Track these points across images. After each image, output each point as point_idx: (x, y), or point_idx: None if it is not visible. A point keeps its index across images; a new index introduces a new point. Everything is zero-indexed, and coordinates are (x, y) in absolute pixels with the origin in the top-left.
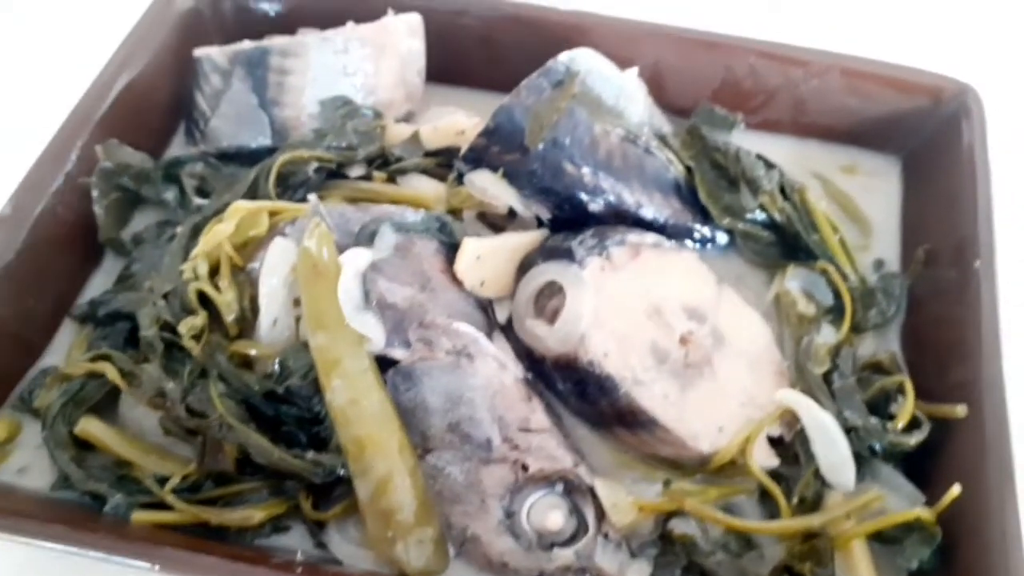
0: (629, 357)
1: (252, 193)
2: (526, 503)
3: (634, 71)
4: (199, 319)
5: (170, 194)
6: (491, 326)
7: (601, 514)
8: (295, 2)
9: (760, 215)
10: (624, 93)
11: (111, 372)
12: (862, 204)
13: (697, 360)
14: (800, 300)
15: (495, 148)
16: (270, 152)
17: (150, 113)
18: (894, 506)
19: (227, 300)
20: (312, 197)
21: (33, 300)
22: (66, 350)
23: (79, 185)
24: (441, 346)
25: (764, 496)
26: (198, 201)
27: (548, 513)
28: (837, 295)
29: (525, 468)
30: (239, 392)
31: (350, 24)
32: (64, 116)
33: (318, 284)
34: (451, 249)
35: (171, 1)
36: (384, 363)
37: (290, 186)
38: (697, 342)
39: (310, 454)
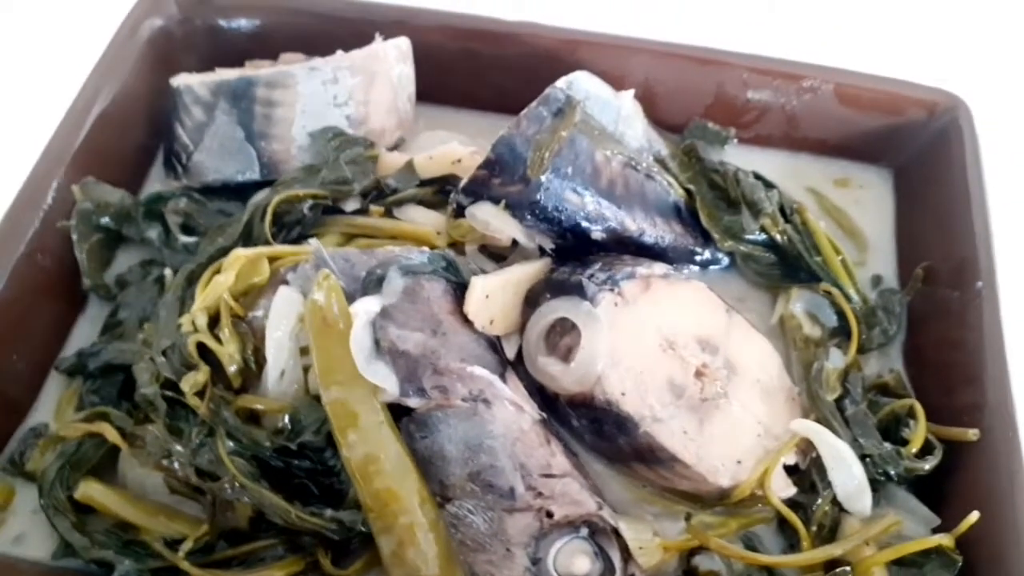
0: (646, 395)
1: (247, 235)
2: (552, 549)
3: (630, 93)
4: (201, 375)
5: (153, 232)
6: (503, 365)
7: (626, 555)
8: (270, 23)
9: (760, 236)
10: (622, 117)
11: (111, 434)
12: (856, 218)
13: (713, 393)
14: (805, 322)
15: (496, 180)
16: (258, 186)
17: (125, 146)
18: (911, 530)
19: (229, 352)
20: (314, 242)
21: (16, 355)
22: (54, 406)
23: (58, 229)
24: (457, 393)
25: (782, 524)
26: (183, 239)
27: (574, 558)
28: (840, 316)
29: (550, 515)
30: (248, 449)
31: (339, 52)
32: (34, 154)
33: (329, 337)
34: (458, 288)
35: (138, 24)
36: (397, 410)
37: (285, 225)
38: (712, 375)
39: (328, 512)
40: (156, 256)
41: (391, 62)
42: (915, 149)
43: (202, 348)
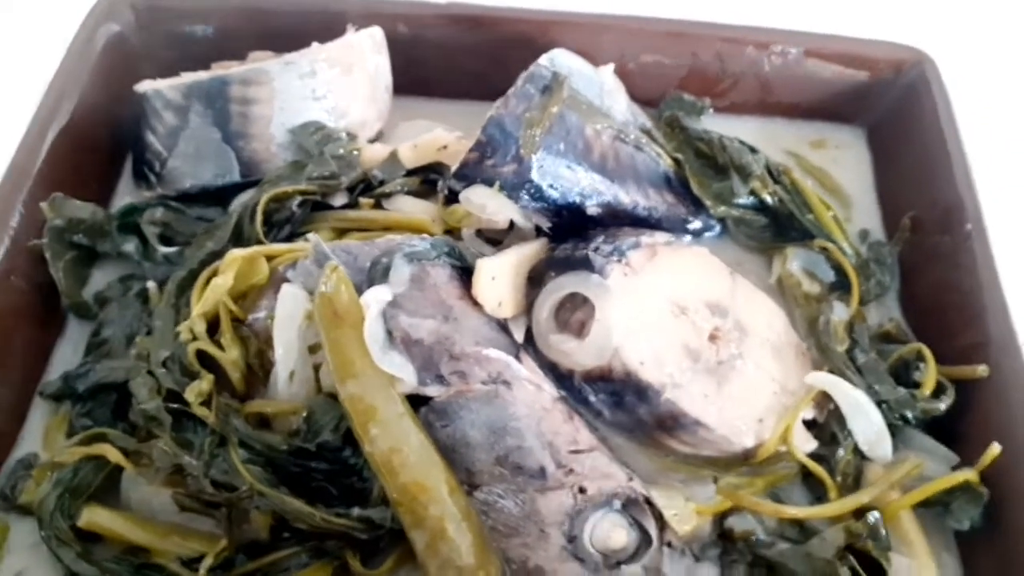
0: (664, 362)
1: (237, 237)
2: (587, 525)
3: (610, 68)
4: (205, 383)
5: (130, 246)
6: (516, 346)
7: (661, 523)
8: (232, 24)
9: (749, 200)
10: (606, 91)
11: (113, 454)
12: (836, 176)
13: (728, 355)
14: (804, 280)
15: (489, 161)
16: (239, 188)
17: (91, 160)
18: (932, 470)
19: (232, 358)
20: (313, 237)
21: None
22: (41, 434)
23: (29, 249)
24: (476, 377)
25: (806, 479)
26: (163, 250)
27: (611, 532)
28: (837, 271)
29: (583, 491)
30: (262, 455)
31: (315, 44)
32: None
33: (341, 330)
34: (463, 273)
35: (94, 33)
36: (414, 401)
37: (274, 224)
38: (725, 337)
39: (355, 511)
40: (135, 270)
41: (367, 52)
42: (886, 106)
43: (202, 356)
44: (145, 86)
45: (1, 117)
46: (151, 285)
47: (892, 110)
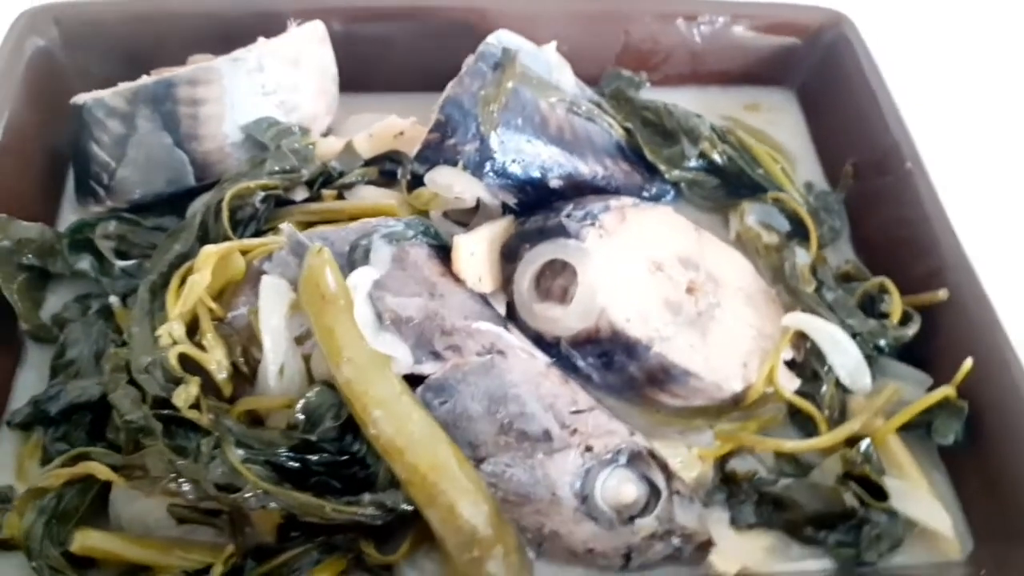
0: (649, 317)
1: (203, 238)
2: (597, 483)
3: (552, 46)
4: (192, 386)
5: (85, 263)
6: (503, 319)
7: (667, 474)
8: (160, 32)
9: (699, 162)
10: (552, 66)
11: (103, 471)
12: (774, 136)
13: (707, 305)
14: (762, 232)
15: (450, 140)
16: (192, 194)
17: (29, 179)
18: (909, 394)
19: (216, 358)
20: (286, 226)
21: None
22: (13, 465)
23: None
24: (470, 349)
25: (793, 418)
26: (121, 264)
27: (621, 487)
28: (791, 220)
29: (590, 448)
30: (261, 453)
31: (260, 39)
32: None
33: (330, 315)
34: (439, 251)
35: (19, 51)
36: (408, 382)
37: (238, 222)
38: (701, 289)
39: (366, 497)
40: (91, 288)
41: (313, 44)
42: (811, 66)
43: (182, 360)
44: (84, 97)
45: None
46: (114, 300)
47: (817, 69)
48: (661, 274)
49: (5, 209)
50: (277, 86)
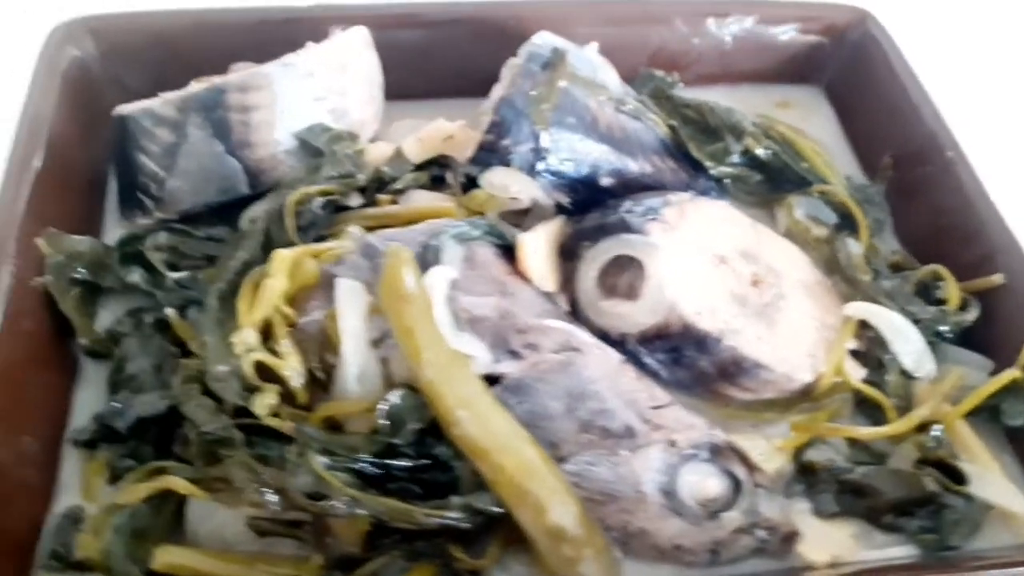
0: (717, 310)
1: (266, 244)
2: (680, 479)
3: (594, 46)
4: (271, 393)
5: (136, 276)
6: (570, 317)
7: (748, 467)
8: (202, 42)
9: (741, 158)
10: (596, 66)
11: (183, 485)
12: (808, 132)
13: (771, 297)
14: (811, 225)
15: (505, 141)
16: (241, 204)
17: (73, 193)
18: (972, 379)
19: (292, 365)
20: (355, 229)
21: (27, 435)
22: (79, 485)
23: (32, 289)
24: (546, 347)
25: (858, 408)
26: (173, 276)
27: (704, 482)
28: (837, 213)
29: (673, 444)
30: (344, 460)
31: (309, 44)
32: None
33: (409, 314)
34: (502, 251)
35: (56, 60)
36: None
37: (299, 228)
38: (764, 281)
39: (455, 500)
40: (143, 302)
41: (360, 50)
42: (838, 64)
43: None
44: (129, 108)
45: None
46: (170, 312)
47: (845, 66)
48: (725, 267)
49: (51, 224)
50: (327, 91)
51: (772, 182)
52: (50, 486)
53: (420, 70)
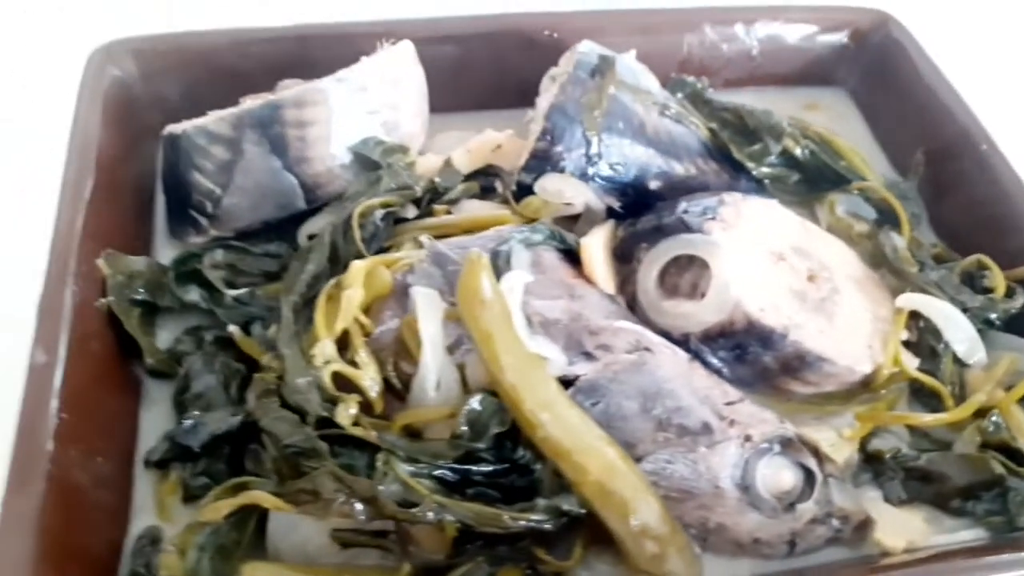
0: (779, 306)
1: (333, 257)
2: (756, 473)
3: (632, 54)
4: (353, 403)
5: (194, 295)
6: (635, 318)
7: (819, 458)
8: (247, 61)
9: (779, 158)
10: (637, 72)
11: (269, 500)
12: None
13: (828, 291)
14: (853, 222)
15: (557, 148)
16: (297, 218)
17: (122, 214)
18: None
19: (370, 375)
20: (426, 238)
21: (100, 455)
22: (153, 506)
23: (95, 311)
24: (619, 347)
25: (915, 396)
26: (232, 293)
27: (779, 474)
28: (876, 209)
29: (749, 438)
30: (428, 467)
31: (363, 59)
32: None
33: (488, 318)
34: (564, 255)
35: (99, 82)
36: None
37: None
38: (819, 276)
39: (540, 502)
40: (201, 320)
41: (410, 64)
42: (863, 66)
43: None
44: (181, 126)
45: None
46: (234, 329)
47: (870, 68)
48: (783, 263)
49: (106, 246)
50: (380, 105)
51: (811, 181)
52: (126, 508)
53: (456, 83)
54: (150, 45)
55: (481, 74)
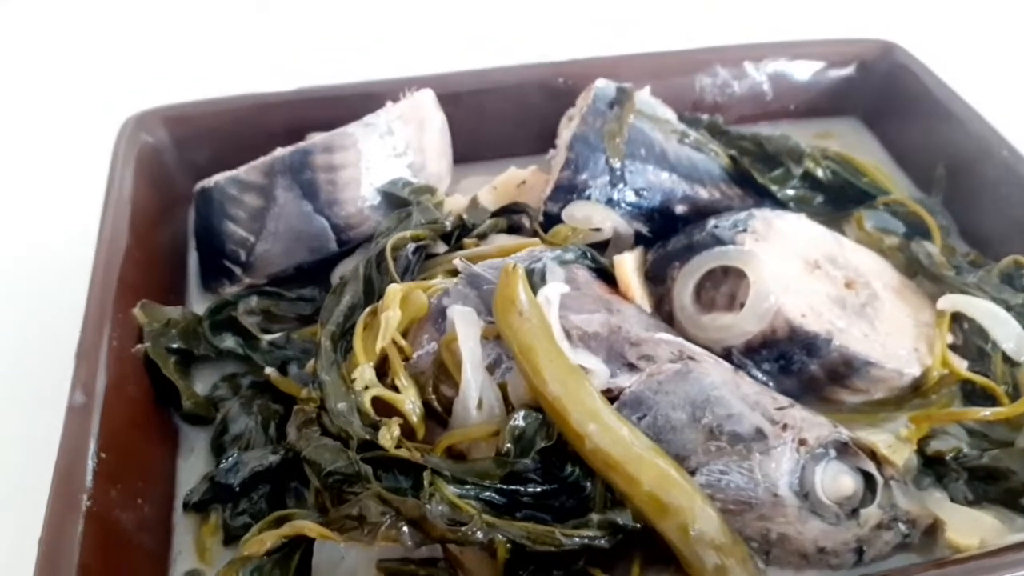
0: (821, 312)
1: (368, 291)
2: (816, 478)
3: (647, 89)
4: (395, 425)
5: (230, 342)
6: (676, 332)
7: (877, 462)
8: (262, 122)
9: (801, 181)
10: (654, 105)
11: (314, 529)
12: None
13: (867, 297)
14: (883, 236)
15: (582, 176)
16: (328, 263)
17: (157, 272)
18: None
19: (411, 398)
20: (460, 261)
21: (140, 498)
22: (194, 549)
23: (131, 357)
24: (663, 357)
25: (966, 401)
26: (267, 338)
27: (838, 480)
28: (904, 222)
29: (803, 442)
30: (474, 488)
31: (388, 104)
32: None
33: (528, 331)
34: (597, 273)
35: (130, 149)
36: None
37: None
38: (856, 283)
39: (594, 518)
40: (237, 368)
41: (433, 108)
42: (873, 94)
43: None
44: (211, 180)
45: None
46: (270, 371)
47: (880, 95)
48: (819, 272)
49: (142, 298)
50: (406, 147)
51: (835, 201)
52: (166, 553)
53: (476, 134)
54: (180, 113)
55: (500, 124)
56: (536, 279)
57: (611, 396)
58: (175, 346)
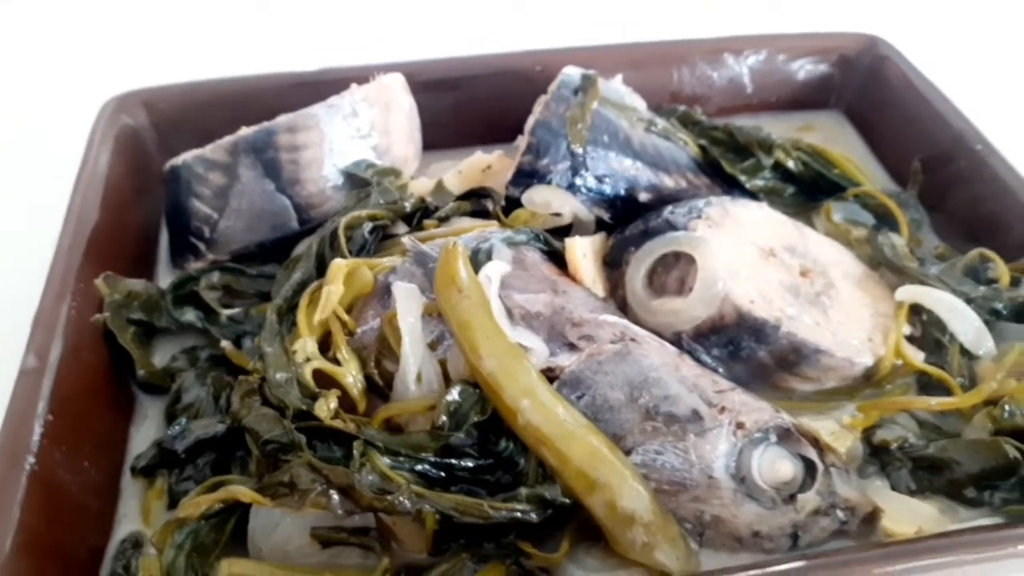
0: (771, 299)
1: (320, 267)
2: (752, 462)
3: (619, 77)
4: (332, 397)
5: (190, 315)
6: (623, 315)
7: (819, 448)
8: (243, 104)
9: (772, 172)
10: (623, 93)
11: (247, 493)
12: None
13: (823, 286)
14: (851, 228)
15: (543, 161)
16: (291, 242)
17: (126, 247)
18: None
19: (352, 372)
20: (408, 239)
21: (87, 460)
22: (139, 512)
23: (91, 326)
24: (603, 338)
25: (922, 391)
26: (227, 312)
27: (776, 465)
28: (874, 214)
29: (741, 425)
30: (408, 461)
31: (353, 86)
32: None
33: (466, 307)
34: (550, 256)
35: (108, 130)
36: None
37: (348, 252)
38: (813, 271)
39: (523, 491)
40: (197, 341)
41: (400, 91)
42: (855, 87)
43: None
44: (180, 158)
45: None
46: (226, 344)
47: (862, 88)
48: (774, 259)
49: (106, 271)
50: (370, 130)
51: (806, 192)
52: (111, 516)
53: (450, 121)
54: (160, 95)
55: (475, 112)
56: (482, 258)
57: (551, 375)
58: (136, 317)
